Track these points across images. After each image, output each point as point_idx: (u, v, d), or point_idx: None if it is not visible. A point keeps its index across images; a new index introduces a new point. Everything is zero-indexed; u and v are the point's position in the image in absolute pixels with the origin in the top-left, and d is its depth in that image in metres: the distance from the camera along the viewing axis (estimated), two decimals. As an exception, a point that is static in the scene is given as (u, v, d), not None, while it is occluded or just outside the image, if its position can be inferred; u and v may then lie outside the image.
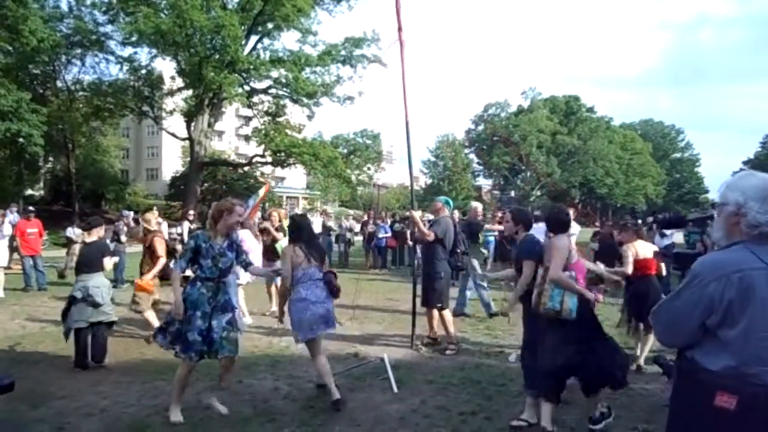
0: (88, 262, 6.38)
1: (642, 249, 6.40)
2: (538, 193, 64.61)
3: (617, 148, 68.40)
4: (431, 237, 7.13)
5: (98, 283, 6.34)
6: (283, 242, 9.30)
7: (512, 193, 65.53)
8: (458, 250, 7.52)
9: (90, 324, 6.24)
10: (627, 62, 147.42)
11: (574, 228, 11.68)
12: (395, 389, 5.58)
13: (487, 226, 11.87)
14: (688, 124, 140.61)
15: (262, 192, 12.88)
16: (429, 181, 65.62)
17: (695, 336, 2.11)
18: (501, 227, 9.12)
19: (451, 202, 8.03)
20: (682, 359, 2.19)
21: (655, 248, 6.94)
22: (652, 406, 5.20)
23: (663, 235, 12.07)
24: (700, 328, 2.09)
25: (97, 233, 6.66)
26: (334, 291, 5.22)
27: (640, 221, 17.96)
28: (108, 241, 9.31)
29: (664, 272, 7.12)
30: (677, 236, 16.46)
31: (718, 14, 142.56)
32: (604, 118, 71.41)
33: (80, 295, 6.19)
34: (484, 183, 72.52)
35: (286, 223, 17.10)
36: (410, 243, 12.65)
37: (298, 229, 5.41)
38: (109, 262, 6.65)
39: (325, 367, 5.16)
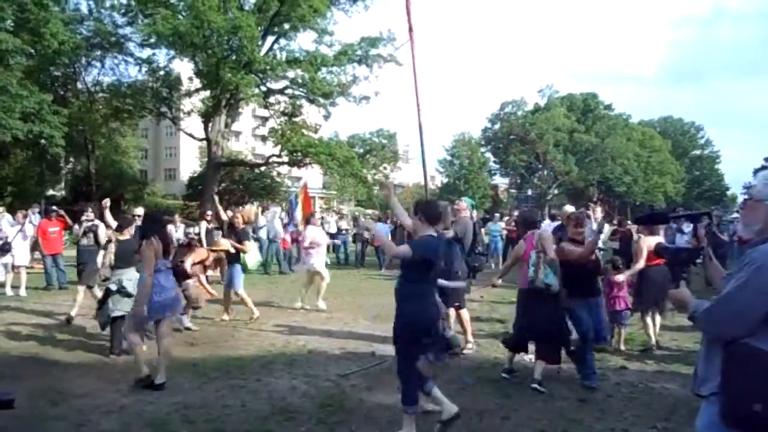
0: (123, 257, 6.93)
1: (654, 242, 7.02)
2: (556, 191, 64.08)
3: (636, 146, 67.48)
4: (450, 235, 7.12)
5: (131, 277, 6.77)
6: (250, 251, 9.13)
7: (529, 192, 65.06)
8: (476, 250, 7.54)
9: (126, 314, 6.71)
10: (644, 59, 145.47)
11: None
12: (412, 388, 5.57)
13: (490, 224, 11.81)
14: (708, 121, 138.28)
15: (301, 194, 13.55)
16: (445, 181, 65.39)
17: (757, 324, 2.16)
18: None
19: (474, 204, 8.08)
20: (735, 346, 2.21)
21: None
22: (671, 404, 5.15)
23: (682, 233, 11.91)
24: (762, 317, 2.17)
25: (129, 232, 7.28)
26: (179, 278, 5.97)
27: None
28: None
29: None
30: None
31: (735, 8, 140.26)
32: (622, 116, 70.50)
33: (115, 288, 6.70)
34: (501, 182, 72.12)
35: (262, 221, 16.85)
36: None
37: (152, 222, 6.07)
38: None
39: (167, 350, 5.71)
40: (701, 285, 8.20)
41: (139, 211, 7.82)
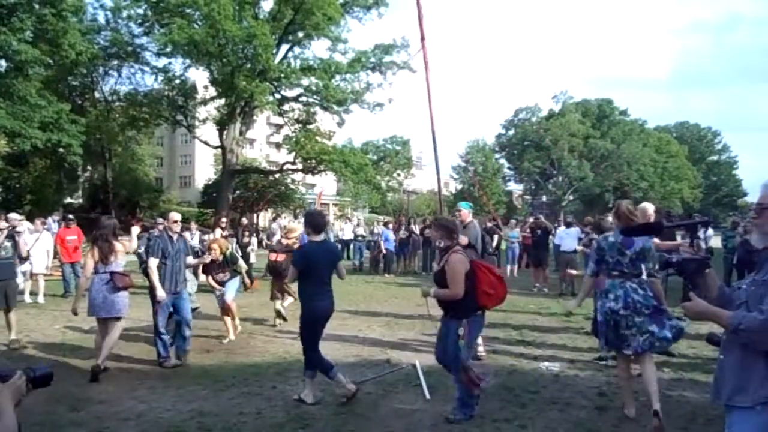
0: None
1: None
2: (571, 197, 63.76)
3: (652, 151, 67.00)
4: (464, 242, 7.10)
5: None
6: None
7: (544, 198, 64.77)
8: (488, 252, 7.57)
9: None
10: (659, 64, 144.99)
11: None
12: (428, 396, 5.56)
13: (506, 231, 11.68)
14: (725, 126, 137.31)
15: (317, 202, 13.55)
16: (459, 187, 65.30)
17: None
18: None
19: (473, 206, 8.04)
20: None
21: None
22: (690, 412, 5.08)
23: (698, 239, 11.75)
24: None
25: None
26: (117, 285, 6.30)
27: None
28: (143, 248, 9.70)
29: None
30: (715, 241, 16.09)
31: (749, 14, 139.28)
32: (637, 121, 70.11)
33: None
34: (515, 188, 71.89)
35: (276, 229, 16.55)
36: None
37: (99, 229, 6.64)
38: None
39: (108, 342, 6.28)
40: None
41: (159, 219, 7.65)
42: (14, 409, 1.89)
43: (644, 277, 4.90)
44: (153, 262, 6.57)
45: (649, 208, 6.97)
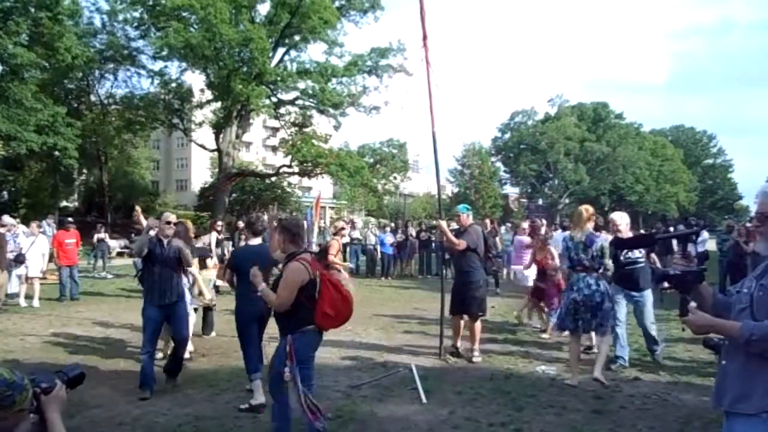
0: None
1: None
2: (567, 201, 63.79)
3: (647, 155, 67.11)
4: (462, 246, 7.09)
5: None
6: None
7: (540, 201, 64.79)
8: (491, 254, 7.62)
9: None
10: (655, 68, 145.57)
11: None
12: (424, 399, 5.55)
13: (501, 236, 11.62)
14: (720, 130, 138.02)
15: (315, 207, 13.79)
16: (455, 190, 65.28)
17: None
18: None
19: (469, 208, 7.87)
20: None
21: None
22: (685, 416, 5.09)
23: (694, 242, 11.79)
24: None
25: (201, 240, 8.55)
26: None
27: (672, 228, 17.72)
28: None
29: None
30: (710, 244, 16.14)
31: (743, 20, 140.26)
32: (633, 125, 70.22)
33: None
34: (511, 191, 71.91)
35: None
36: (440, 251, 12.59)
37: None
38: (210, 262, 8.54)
39: None
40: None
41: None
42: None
43: (601, 271, 6.04)
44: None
45: (616, 218, 6.77)
